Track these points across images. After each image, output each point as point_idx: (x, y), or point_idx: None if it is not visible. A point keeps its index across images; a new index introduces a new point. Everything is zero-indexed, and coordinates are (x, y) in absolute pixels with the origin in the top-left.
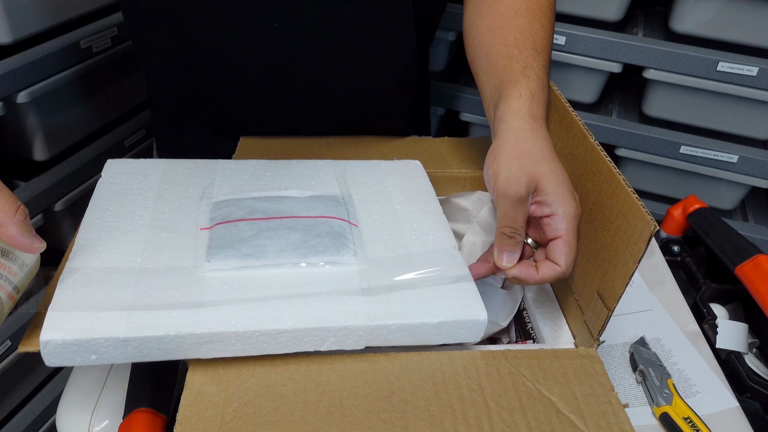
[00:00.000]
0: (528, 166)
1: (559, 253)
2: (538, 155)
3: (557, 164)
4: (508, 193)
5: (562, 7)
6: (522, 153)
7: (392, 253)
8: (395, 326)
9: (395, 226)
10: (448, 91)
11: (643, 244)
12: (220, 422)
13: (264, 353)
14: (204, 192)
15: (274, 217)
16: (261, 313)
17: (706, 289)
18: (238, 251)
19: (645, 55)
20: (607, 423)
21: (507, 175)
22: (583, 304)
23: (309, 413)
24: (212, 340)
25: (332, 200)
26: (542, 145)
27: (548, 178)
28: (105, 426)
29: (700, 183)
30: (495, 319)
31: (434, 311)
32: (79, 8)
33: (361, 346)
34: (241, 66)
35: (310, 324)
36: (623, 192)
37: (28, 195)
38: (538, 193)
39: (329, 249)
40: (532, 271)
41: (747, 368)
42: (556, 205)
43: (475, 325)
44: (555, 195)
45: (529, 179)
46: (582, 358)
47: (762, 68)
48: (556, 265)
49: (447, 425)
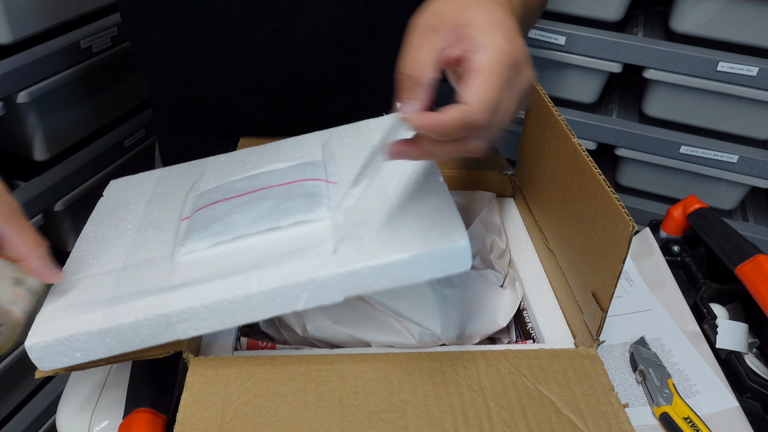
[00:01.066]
0: (456, 8)
1: (469, 88)
2: (474, 2)
3: (498, 11)
4: (417, 24)
5: (562, 7)
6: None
7: (371, 201)
8: (366, 269)
9: (377, 176)
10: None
11: (624, 244)
12: (220, 422)
13: (240, 323)
14: (192, 187)
15: (247, 192)
16: (226, 281)
17: (706, 289)
18: (210, 230)
19: (645, 55)
20: (607, 423)
21: (425, 17)
22: (582, 304)
23: (309, 413)
24: (183, 318)
25: (309, 165)
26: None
27: (475, 9)
28: (105, 426)
29: (700, 183)
30: (495, 318)
31: (406, 245)
32: (79, 8)
33: (340, 298)
34: (241, 66)
35: (277, 283)
36: (604, 192)
37: (28, 195)
38: (461, 25)
39: (300, 209)
40: (435, 115)
41: (747, 368)
42: (479, 36)
43: (457, 252)
44: (480, 25)
45: (451, 19)
46: (582, 358)
47: (762, 68)
48: (462, 105)
49: (447, 425)
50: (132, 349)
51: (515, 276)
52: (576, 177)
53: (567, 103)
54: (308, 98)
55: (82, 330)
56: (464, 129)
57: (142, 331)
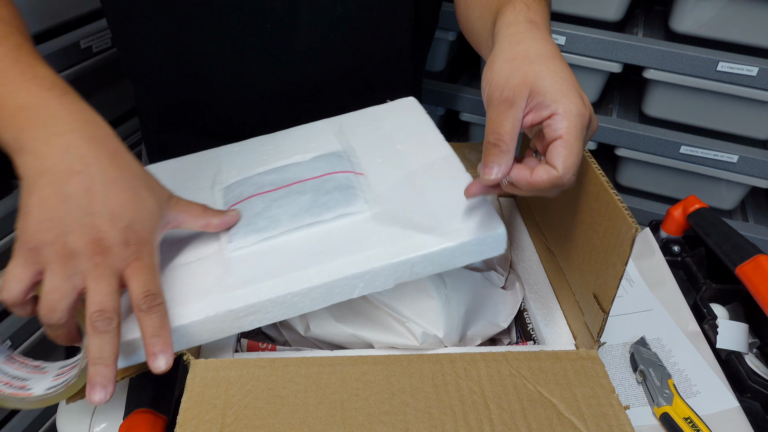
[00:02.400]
0: (521, 67)
1: (556, 155)
2: (534, 54)
3: (558, 62)
4: (493, 96)
5: (562, 7)
6: (516, 55)
7: (402, 191)
8: (417, 258)
9: (400, 165)
10: (448, 91)
11: (627, 246)
12: (220, 425)
13: (301, 313)
14: (214, 180)
15: (281, 186)
16: (288, 276)
17: (706, 289)
18: (254, 226)
19: (645, 55)
20: (608, 425)
21: (498, 79)
22: (583, 305)
23: (309, 416)
24: (250, 312)
25: (334, 156)
26: (540, 45)
27: (544, 76)
28: (105, 426)
29: (700, 183)
30: (495, 320)
31: (452, 235)
32: (79, 8)
33: (391, 285)
34: (235, 68)
35: (337, 275)
36: (606, 194)
37: None
38: (535, 94)
39: (340, 202)
40: (526, 173)
41: (747, 368)
42: (555, 105)
43: (495, 239)
44: (553, 93)
45: (521, 80)
46: (583, 360)
47: (762, 68)
48: (551, 168)
49: (448, 427)
50: (199, 343)
51: (516, 277)
52: (578, 179)
53: None
54: (303, 99)
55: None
56: (552, 189)
57: (211, 327)
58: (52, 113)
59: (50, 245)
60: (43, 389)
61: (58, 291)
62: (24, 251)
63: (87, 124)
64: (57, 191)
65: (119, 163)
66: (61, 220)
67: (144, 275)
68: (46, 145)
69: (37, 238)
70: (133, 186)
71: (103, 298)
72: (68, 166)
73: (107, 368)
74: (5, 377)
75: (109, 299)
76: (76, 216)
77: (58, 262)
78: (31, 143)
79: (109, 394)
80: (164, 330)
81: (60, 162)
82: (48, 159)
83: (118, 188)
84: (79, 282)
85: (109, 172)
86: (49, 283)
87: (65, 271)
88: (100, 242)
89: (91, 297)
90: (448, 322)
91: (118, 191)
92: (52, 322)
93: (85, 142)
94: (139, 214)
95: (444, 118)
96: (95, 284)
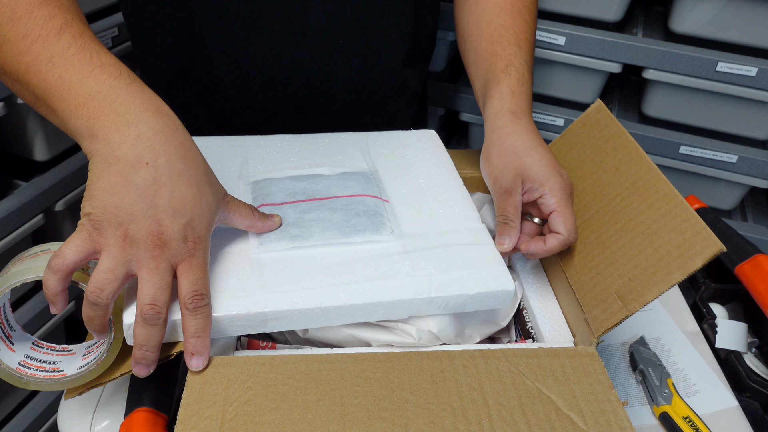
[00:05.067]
0: (512, 161)
1: (557, 224)
2: (520, 148)
3: (540, 151)
4: (496, 188)
5: (562, 7)
6: (505, 150)
7: (424, 228)
8: (437, 299)
9: (422, 201)
10: (448, 91)
11: (700, 260)
12: (220, 421)
13: (320, 326)
14: (240, 171)
15: (313, 199)
16: (319, 291)
17: (706, 289)
18: (287, 233)
19: (644, 55)
20: (606, 421)
21: (496, 173)
22: (590, 303)
23: (309, 412)
24: (277, 317)
25: (363, 177)
26: (523, 138)
27: (531, 166)
28: (106, 425)
29: (699, 183)
30: (494, 318)
31: (469, 284)
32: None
33: (405, 316)
34: (244, 67)
35: (363, 300)
36: (685, 212)
37: (28, 195)
38: (526, 181)
39: (369, 228)
40: (541, 244)
41: (746, 368)
42: (543, 187)
43: (504, 295)
44: (540, 179)
45: (514, 173)
46: (581, 357)
47: (761, 68)
48: (558, 234)
49: (447, 423)
50: (222, 336)
51: (515, 275)
52: (639, 193)
53: (567, 103)
54: (310, 99)
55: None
56: (562, 249)
57: (239, 323)
58: (123, 102)
59: (113, 228)
60: (75, 368)
61: (112, 272)
62: (89, 228)
63: (157, 114)
64: (125, 180)
65: (186, 155)
66: (126, 208)
67: (195, 273)
68: (117, 133)
69: (102, 220)
70: (197, 181)
71: (156, 291)
72: (137, 156)
73: (151, 353)
74: (36, 363)
75: (161, 293)
76: (140, 207)
77: (118, 246)
78: (102, 131)
79: (151, 371)
80: (206, 332)
81: (130, 151)
82: (119, 148)
83: (184, 183)
84: (133, 269)
85: (176, 165)
86: (104, 263)
87: (123, 255)
88: (161, 236)
89: (145, 289)
90: (441, 319)
91: (183, 186)
92: (98, 301)
93: (154, 133)
94: (200, 210)
95: (444, 118)
96: (149, 276)
